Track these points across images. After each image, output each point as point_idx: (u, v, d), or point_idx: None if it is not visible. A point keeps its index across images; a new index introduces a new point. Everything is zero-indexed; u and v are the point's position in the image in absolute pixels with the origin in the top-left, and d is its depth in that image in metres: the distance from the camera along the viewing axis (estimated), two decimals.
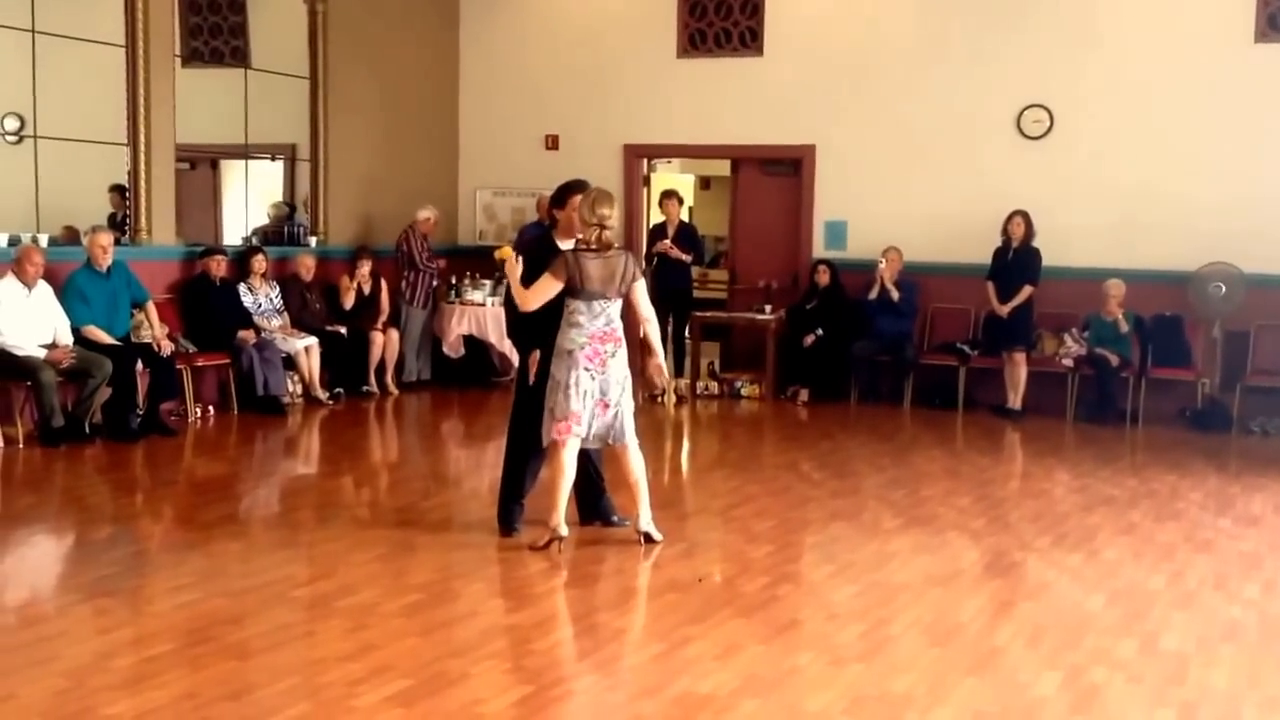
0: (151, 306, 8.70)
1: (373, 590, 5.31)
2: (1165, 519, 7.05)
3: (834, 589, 5.59)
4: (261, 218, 11.59)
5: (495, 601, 5.33)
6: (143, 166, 9.15)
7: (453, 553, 6.05)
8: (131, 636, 4.73)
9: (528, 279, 5.87)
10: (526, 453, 6.15)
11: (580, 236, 5.86)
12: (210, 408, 9.33)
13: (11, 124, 10.90)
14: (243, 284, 9.78)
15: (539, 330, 5.94)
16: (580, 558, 5.94)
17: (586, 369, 5.81)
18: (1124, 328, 10.08)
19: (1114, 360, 10.01)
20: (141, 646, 4.56)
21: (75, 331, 8.20)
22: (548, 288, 5.80)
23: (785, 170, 11.55)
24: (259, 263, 9.84)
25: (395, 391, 10.66)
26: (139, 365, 8.35)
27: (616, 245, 5.90)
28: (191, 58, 11.64)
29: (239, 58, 11.68)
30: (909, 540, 6.47)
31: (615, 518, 6.33)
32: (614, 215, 5.86)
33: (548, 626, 5.08)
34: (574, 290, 5.78)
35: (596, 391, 5.84)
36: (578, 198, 5.89)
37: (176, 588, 5.30)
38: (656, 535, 6.07)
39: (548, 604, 5.36)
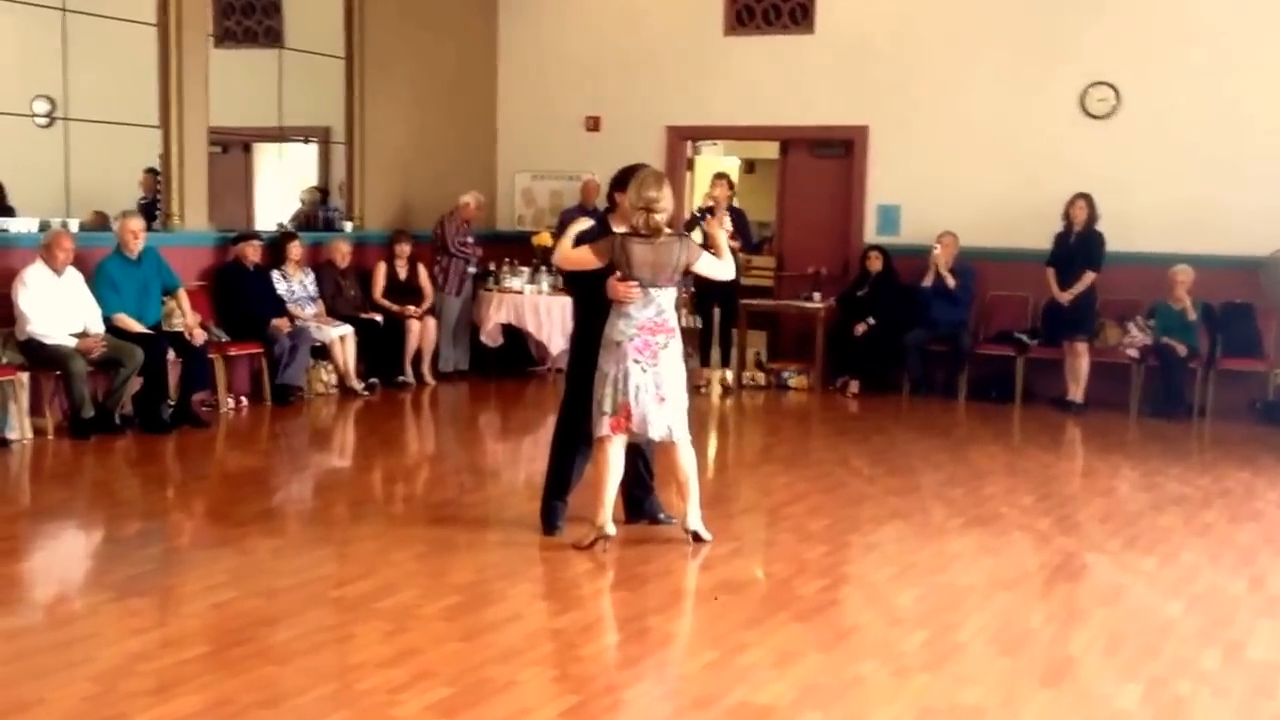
0: (183, 294, 8.47)
1: (412, 591, 5.08)
2: (1242, 519, 6.76)
3: (895, 592, 5.32)
4: (294, 202, 11.38)
5: (540, 604, 5.06)
6: (175, 149, 8.92)
7: (494, 552, 5.80)
8: (163, 639, 4.52)
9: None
10: (573, 448, 5.90)
11: (633, 223, 5.57)
12: (243, 398, 9.11)
13: (41, 106, 10.74)
14: (276, 271, 9.55)
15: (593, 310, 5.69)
16: (627, 558, 5.68)
17: (636, 361, 5.52)
18: (1191, 316, 9.69)
19: (1181, 350, 9.63)
20: (174, 649, 4.36)
21: (105, 320, 7.99)
22: (584, 258, 5.61)
23: (836, 152, 11.23)
24: (294, 249, 9.61)
25: (432, 382, 10.41)
26: (170, 355, 8.14)
27: (668, 230, 5.60)
28: (225, 38, 11.47)
29: (273, 37, 11.47)
30: (971, 541, 6.17)
31: (662, 515, 6.08)
32: (665, 199, 5.55)
33: (595, 631, 4.83)
34: (620, 276, 5.50)
35: (650, 385, 5.54)
36: None
37: (210, 587, 5.09)
38: (706, 535, 5.79)
39: (594, 606, 5.10)
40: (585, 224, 5.78)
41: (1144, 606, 5.26)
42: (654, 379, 5.53)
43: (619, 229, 5.67)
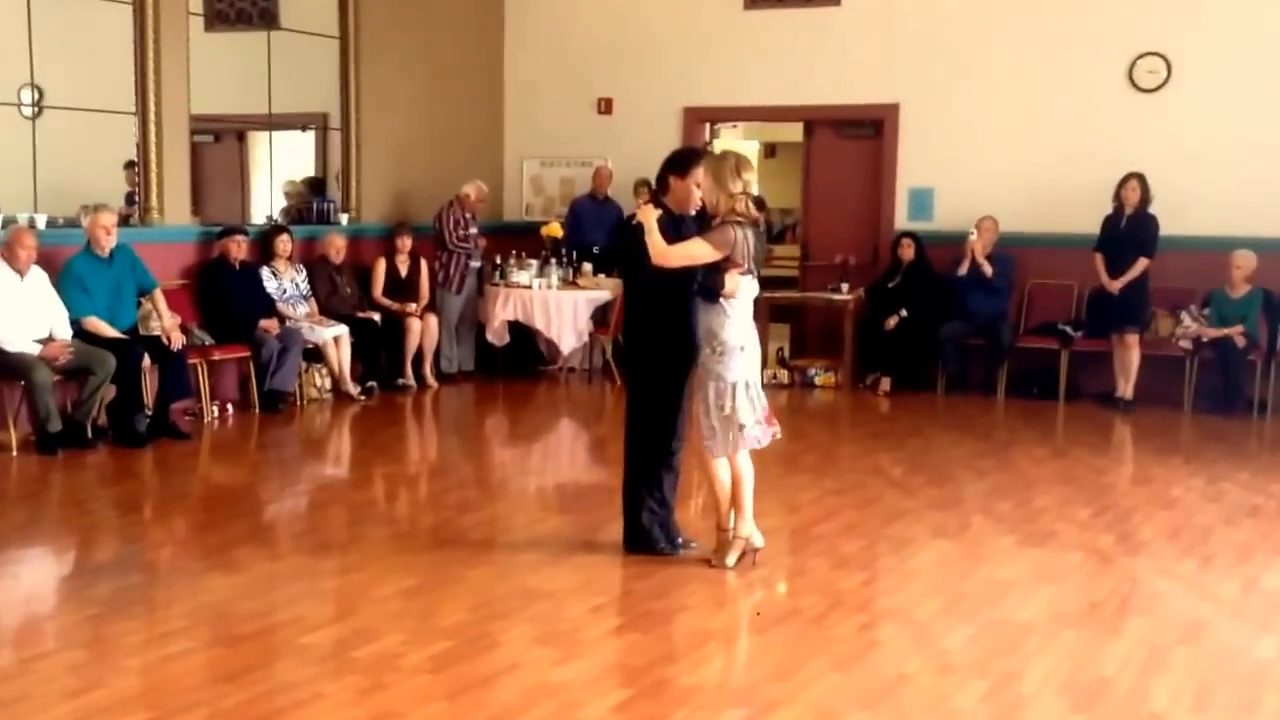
0: (160, 295, 7.85)
1: (395, 636, 4.47)
2: None
3: (945, 630, 4.68)
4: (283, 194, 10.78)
5: (539, 651, 4.41)
6: (153, 138, 8.30)
7: (493, 584, 5.20)
8: (99, 703, 3.89)
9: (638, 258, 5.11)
10: (659, 461, 5.38)
11: (733, 208, 5.10)
12: (229, 406, 8.50)
13: (22, 95, 10.11)
14: (265, 268, 8.94)
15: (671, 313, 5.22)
16: (637, 591, 5.07)
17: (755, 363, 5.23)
18: (1251, 305, 9.01)
19: (1240, 341, 8.96)
20: (114, 716, 3.76)
21: (74, 324, 7.39)
22: (699, 253, 5.08)
23: (865, 133, 10.61)
24: (283, 244, 9.00)
25: (434, 384, 9.79)
26: (146, 361, 7.53)
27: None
28: (217, 19, 10.87)
29: (267, 19, 10.86)
30: (1027, 565, 5.53)
31: (680, 539, 5.47)
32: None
33: (603, 684, 4.17)
34: (730, 267, 5.09)
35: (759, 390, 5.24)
36: (700, 168, 5.20)
37: (163, 635, 4.50)
38: (759, 540, 5.31)
39: (602, 653, 4.44)
40: (655, 212, 5.14)
41: (1231, 645, 4.65)
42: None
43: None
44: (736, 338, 5.13)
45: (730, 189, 5.08)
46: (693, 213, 5.27)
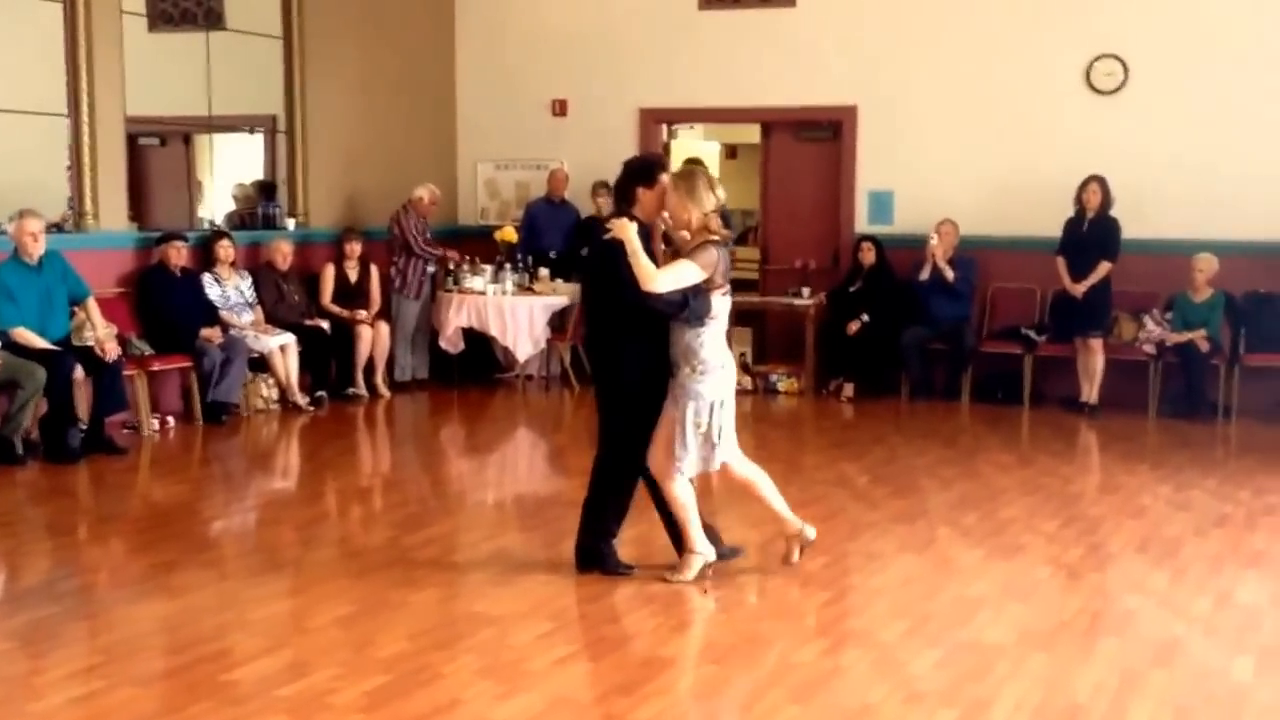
0: (93, 303, 7.52)
1: (327, 670, 4.21)
2: None
3: (911, 654, 4.49)
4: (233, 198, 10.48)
5: (482, 684, 4.16)
6: (87, 141, 7.97)
7: (436, 610, 4.94)
8: None
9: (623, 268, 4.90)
10: (633, 481, 5.20)
11: (706, 225, 5.00)
12: (170, 419, 8.19)
13: None
14: (208, 274, 8.64)
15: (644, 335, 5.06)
16: (591, 616, 4.85)
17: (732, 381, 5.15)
18: (1213, 309, 8.91)
19: (1203, 346, 8.84)
20: None
21: (2, 336, 7.07)
22: (689, 276, 4.90)
23: (823, 135, 10.43)
24: (224, 250, 8.70)
25: (386, 393, 9.52)
26: (79, 373, 7.21)
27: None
28: (160, 20, 10.55)
29: (212, 19, 10.54)
30: (995, 580, 5.35)
31: (623, 567, 5.26)
32: None
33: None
34: (711, 288, 4.99)
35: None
36: (666, 176, 5.10)
37: (74, 673, 4.19)
38: (811, 532, 5.36)
39: (549, 686, 4.19)
40: (633, 226, 4.92)
41: (1207, 666, 4.48)
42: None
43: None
44: (716, 356, 5.02)
45: (705, 207, 4.96)
46: (660, 224, 5.11)
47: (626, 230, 4.87)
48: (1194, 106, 9.25)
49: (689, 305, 4.91)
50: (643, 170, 5.16)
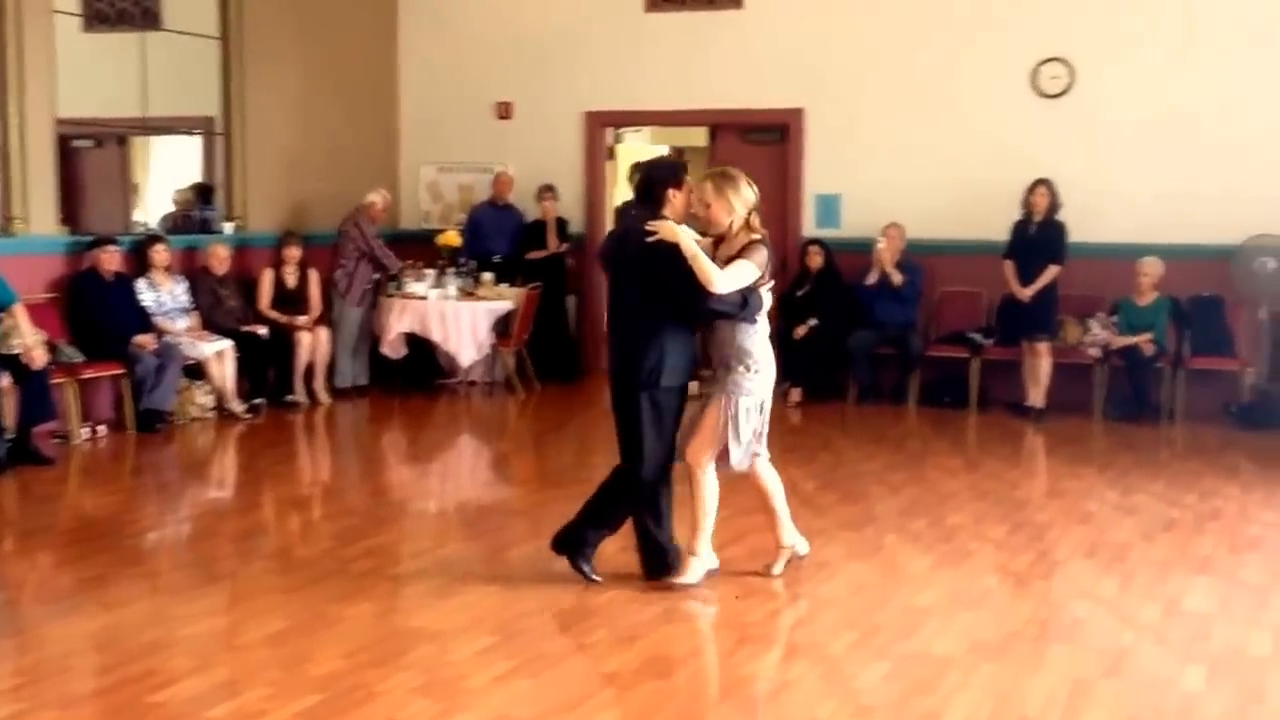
0: (21, 309, 7.27)
1: (257, 690, 4.05)
2: (1242, 549, 6.00)
3: (860, 667, 4.40)
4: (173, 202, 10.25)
5: (419, 703, 4.02)
6: (15, 142, 7.73)
7: (373, 624, 4.78)
8: None
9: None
10: (653, 493, 5.20)
11: (748, 224, 5.02)
12: (101, 428, 7.96)
13: None
14: (141, 279, 8.42)
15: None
16: (532, 630, 4.72)
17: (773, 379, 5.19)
18: (1158, 313, 8.94)
19: (1147, 350, 8.86)
20: None
21: None
22: (749, 276, 4.92)
23: (770, 138, 10.37)
24: (159, 254, 8.48)
25: (326, 400, 9.32)
26: (5, 381, 6.99)
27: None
28: (96, 20, 10.29)
29: (149, 19, 10.31)
30: (943, 589, 5.29)
31: (591, 572, 5.19)
32: None
33: None
34: (759, 285, 5.01)
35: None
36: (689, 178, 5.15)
37: None
38: (804, 546, 5.41)
39: (488, 705, 4.05)
40: (685, 230, 4.91)
41: (1157, 676, 4.42)
42: None
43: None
44: (766, 354, 5.10)
45: (749, 204, 4.99)
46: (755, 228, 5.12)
47: (679, 234, 4.85)
48: (1137, 111, 9.30)
49: (748, 304, 4.93)
50: (667, 172, 5.21)
